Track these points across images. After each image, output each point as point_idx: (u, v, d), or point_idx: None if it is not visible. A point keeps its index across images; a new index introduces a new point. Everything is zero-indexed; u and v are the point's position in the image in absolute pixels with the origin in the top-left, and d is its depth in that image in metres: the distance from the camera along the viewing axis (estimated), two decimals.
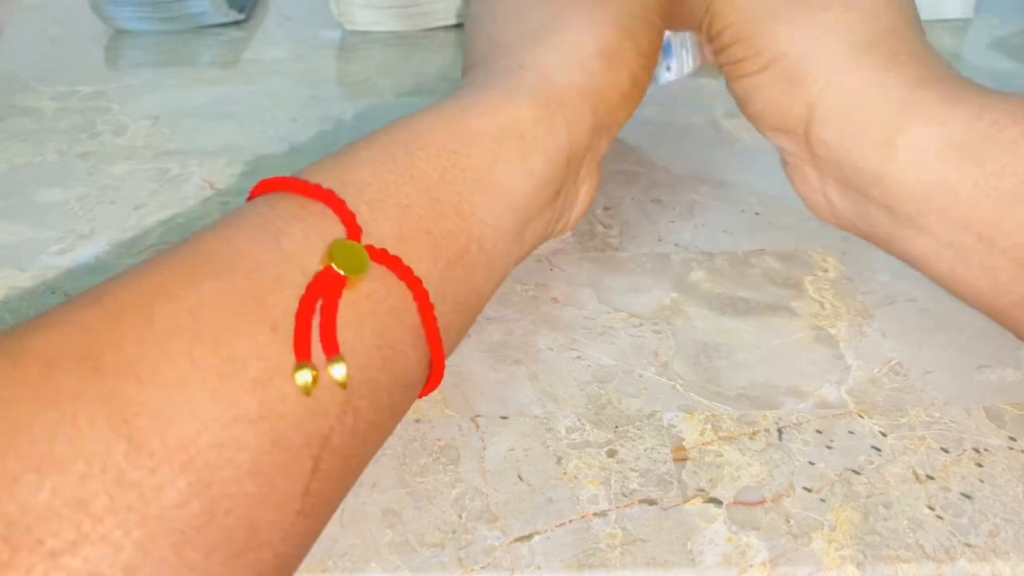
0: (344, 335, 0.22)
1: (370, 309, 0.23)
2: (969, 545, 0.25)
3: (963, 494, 0.27)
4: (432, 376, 0.26)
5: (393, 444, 0.29)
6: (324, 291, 0.22)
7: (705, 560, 0.25)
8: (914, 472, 0.28)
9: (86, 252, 0.38)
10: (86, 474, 0.18)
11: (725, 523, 0.26)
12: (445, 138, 0.28)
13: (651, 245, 0.38)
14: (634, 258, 0.38)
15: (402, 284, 0.24)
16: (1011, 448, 0.28)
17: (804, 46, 0.32)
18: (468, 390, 0.31)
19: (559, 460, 0.28)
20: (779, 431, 0.29)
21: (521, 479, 0.28)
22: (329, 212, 0.24)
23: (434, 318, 0.25)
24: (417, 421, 0.30)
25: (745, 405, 0.30)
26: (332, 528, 0.26)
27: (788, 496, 0.27)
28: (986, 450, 0.28)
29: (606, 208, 0.41)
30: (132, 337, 0.20)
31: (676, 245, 0.38)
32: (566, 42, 0.32)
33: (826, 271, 0.36)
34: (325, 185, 0.24)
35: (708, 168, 0.44)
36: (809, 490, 0.27)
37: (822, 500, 0.27)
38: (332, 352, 0.22)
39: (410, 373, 0.25)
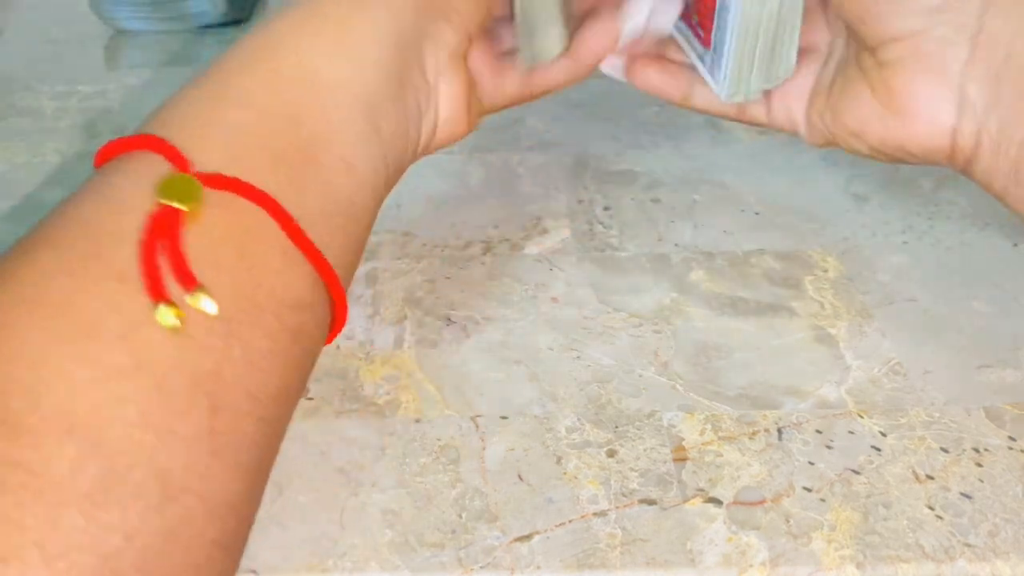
0: (202, 267, 0.22)
1: (223, 234, 0.23)
2: (969, 545, 0.25)
3: (963, 494, 0.27)
4: (333, 293, 0.25)
5: (393, 444, 0.29)
6: (163, 229, 0.22)
7: (705, 560, 0.25)
8: (914, 472, 0.28)
9: None
10: None
11: (725, 523, 0.26)
12: (256, 47, 0.27)
13: (651, 245, 0.38)
14: (634, 258, 0.38)
15: (250, 203, 0.23)
16: (1011, 448, 0.28)
17: None
18: (468, 390, 0.31)
19: (559, 460, 0.28)
20: (779, 431, 0.29)
21: (521, 479, 0.28)
22: (153, 155, 0.23)
23: (300, 230, 0.24)
24: (417, 421, 0.30)
25: (745, 405, 0.30)
26: (332, 528, 0.26)
27: (788, 496, 0.27)
28: (986, 450, 0.28)
29: (606, 208, 0.41)
30: None
31: (676, 245, 0.38)
32: None
33: (826, 271, 0.36)
34: (144, 131, 0.24)
35: (708, 168, 0.44)
36: (809, 490, 0.27)
37: (822, 500, 0.27)
38: (190, 284, 0.21)
39: (294, 291, 0.24)
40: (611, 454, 0.28)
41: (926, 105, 0.31)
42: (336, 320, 0.26)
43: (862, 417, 0.30)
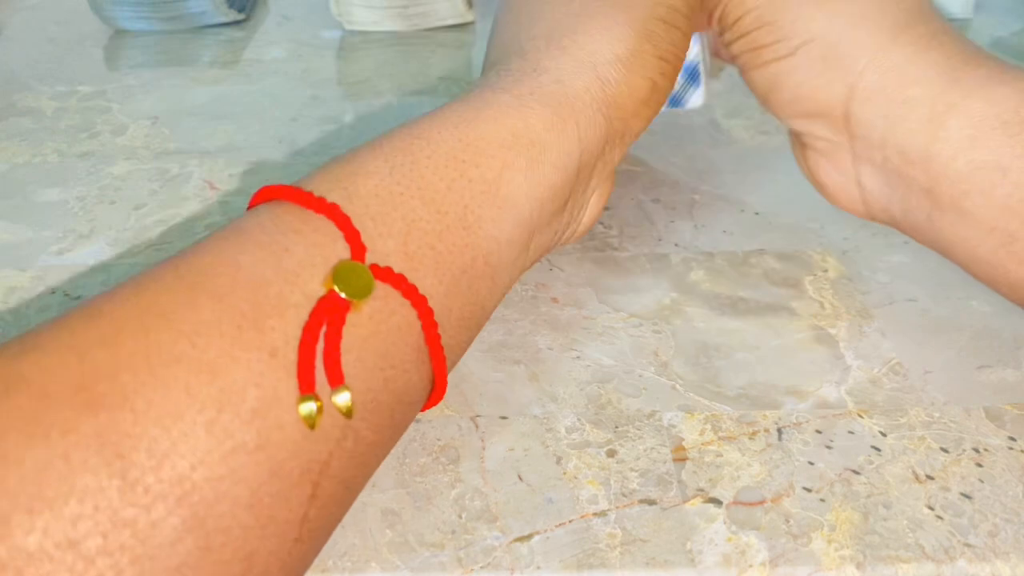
0: (346, 359, 0.22)
1: (373, 330, 0.23)
2: (969, 545, 0.25)
3: (963, 494, 0.27)
4: (434, 393, 0.26)
5: None
6: (328, 316, 0.21)
7: (705, 560, 0.25)
8: (914, 472, 0.28)
9: (86, 252, 0.38)
10: (79, 514, 0.17)
11: (725, 523, 0.26)
12: (453, 146, 0.27)
13: (651, 245, 0.38)
14: (634, 258, 0.38)
15: (406, 303, 0.24)
16: (1011, 448, 0.28)
17: (839, 27, 0.31)
18: (468, 390, 0.31)
19: (559, 460, 0.28)
20: (779, 431, 0.29)
21: (521, 479, 0.28)
22: (333, 228, 0.23)
23: (438, 336, 0.24)
24: (417, 421, 0.30)
25: (745, 405, 0.30)
26: None
27: (788, 496, 0.27)
28: (986, 450, 0.28)
29: (606, 208, 0.41)
30: (128, 365, 0.19)
31: (676, 245, 0.38)
32: (582, 46, 0.30)
33: (826, 271, 0.37)
34: (330, 198, 0.24)
35: (708, 168, 0.44)
36: (809, 490, 0.27)
37: (822, 500, 0.27)
38: (337, 382, 0.21)
39: (412, 391, 0.24)
40: (611, 454, 0.28)
41: (835, 189, 0.34)
42: (425, 406, 0.27)
43: (862, 417, 0.30)
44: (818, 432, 0.29)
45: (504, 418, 0.30)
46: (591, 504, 0.27)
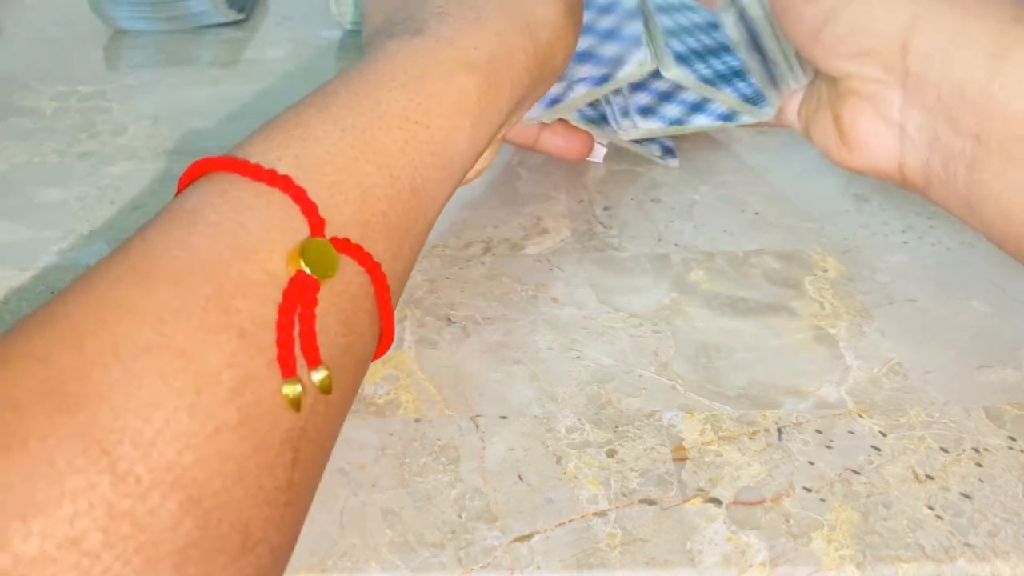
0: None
1: (333, 301, 0.23)
2: (969, 545, 0.25)
3: (963, 494, 0.27)
4: (381, 345, 0.26)
5: (393, 444, 0.29)
6: (299, 298, 0.22)
7: (705, 560, 0.25)
8: (914, 472, 0.28)
9: (86, 252, 0.38)
10: (74, 513, 0.17)
11: (725, 523, 0.26)
12: (404, 106, 0.26)
13: (651, 245, 0.38)
14: (634, 258, 0.38)
15: (362, 271, 0.24)
16: (1011, 448, 0.28)
17: None
18: (468, 390, 0.31)
19: (559, 460, 0.28)
20: (779, 431, 0.29)
21: (521, 479, 0.28)
22: (288, 200, 0.23)
23: (389, 299, 0.25)
24: (417, 421, 0.30)
25: (745, 405, 0.30)
26: (332, 528, 0.26)
27: (788, 496, 0.27)
28: (986, 450, 0.28)
29: (606, 208, 0.41)
30: (96, 362, 0.19)
31: (676, 245, 0.38)
32: (519, 2, 0.31)
33: (826, 271, 0.36)
34: (280, 168, 0.23)
35: (708, 168, 0.44)
36: (809, 490, 0.27)
37: (822, 500, 0.27)
38: (315, 363, 0.21)
39: (368, 350, 0.25)
40: (611, 454, 0.28)
41: (870, 140, 0.33)
42: (374, 357, 0.27)
43: (862, 417, 0.30)
44: (818, 432, 0.29)
45: (504, 418, 0.30)
46: (591, 504, 0.27)
